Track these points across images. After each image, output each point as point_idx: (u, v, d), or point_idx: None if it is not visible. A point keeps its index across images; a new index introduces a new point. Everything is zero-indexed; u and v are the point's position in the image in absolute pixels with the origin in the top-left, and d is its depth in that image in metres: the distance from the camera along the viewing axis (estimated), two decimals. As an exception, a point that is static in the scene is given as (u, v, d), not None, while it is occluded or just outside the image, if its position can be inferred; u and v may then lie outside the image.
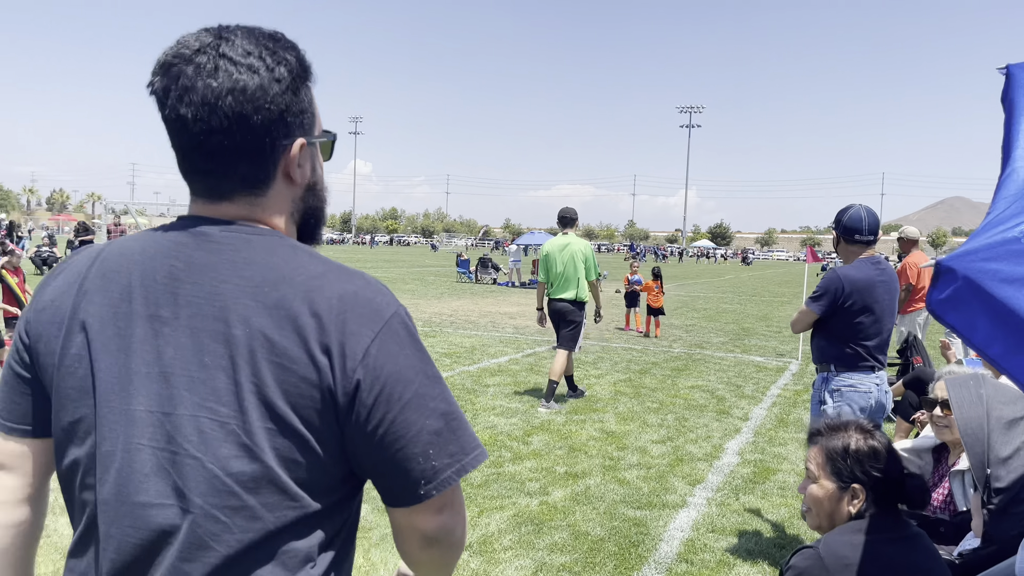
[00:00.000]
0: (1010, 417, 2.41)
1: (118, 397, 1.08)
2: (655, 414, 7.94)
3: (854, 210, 4.16)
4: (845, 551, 2.12)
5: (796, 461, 6.40)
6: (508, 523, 4.81)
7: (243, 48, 1.12)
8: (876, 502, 2.24)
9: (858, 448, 2.27)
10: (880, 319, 4.07)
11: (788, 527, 4.90)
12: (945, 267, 1.46)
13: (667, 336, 14.71)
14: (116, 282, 1.13)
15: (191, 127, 1.11)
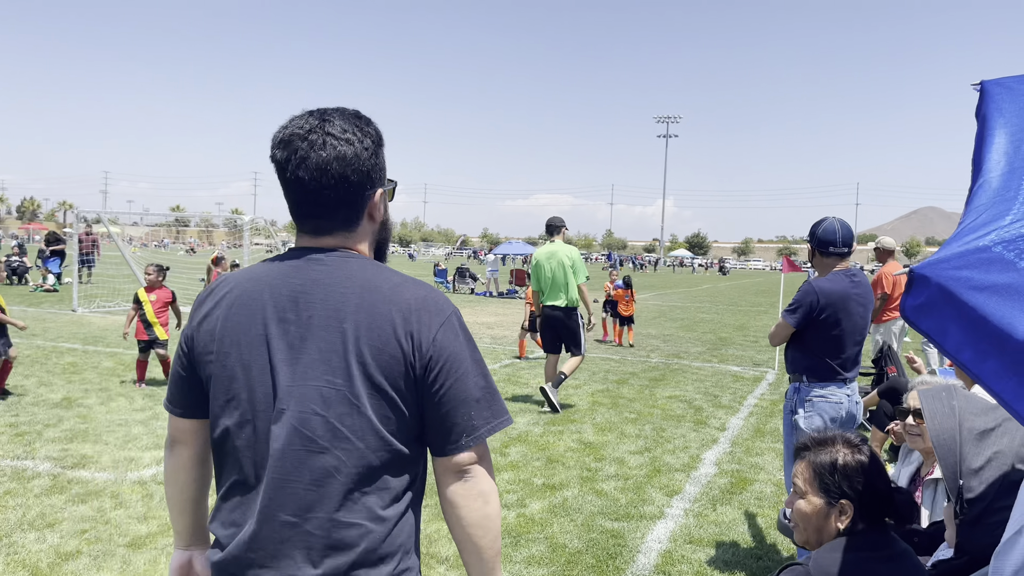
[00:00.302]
0: (981, 428, 2.42)
1: (263, 379, 1.54)
2: (633, 424, 7.95)
3: (828, 223, 4.18)
4: (834, 569, 2.11)
5: (773, 471, 6.42)
6: (485, 536, 4.78)
7: (340, 127, 1.58)
8: (864, 518, 2.23)
9: (846, 463, 2.25)
10: (853, 331, 4.10)
11: (765, 537, 4.91)
12: (919, 274, 1.47)
13: (645, 346, 14.75)
14: (253, 297, 1.58)
15: (307, 186, 1.57)
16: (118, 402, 8.13)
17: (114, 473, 5.76)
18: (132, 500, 5.20)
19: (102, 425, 7.14)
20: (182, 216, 33.59)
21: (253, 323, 1.57)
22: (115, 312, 17.43)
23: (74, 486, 5.44)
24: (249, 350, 1.56)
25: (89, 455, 6.18)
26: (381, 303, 1.54)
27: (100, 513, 4.94)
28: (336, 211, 1.60)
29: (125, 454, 6.25)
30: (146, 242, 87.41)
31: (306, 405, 1.51)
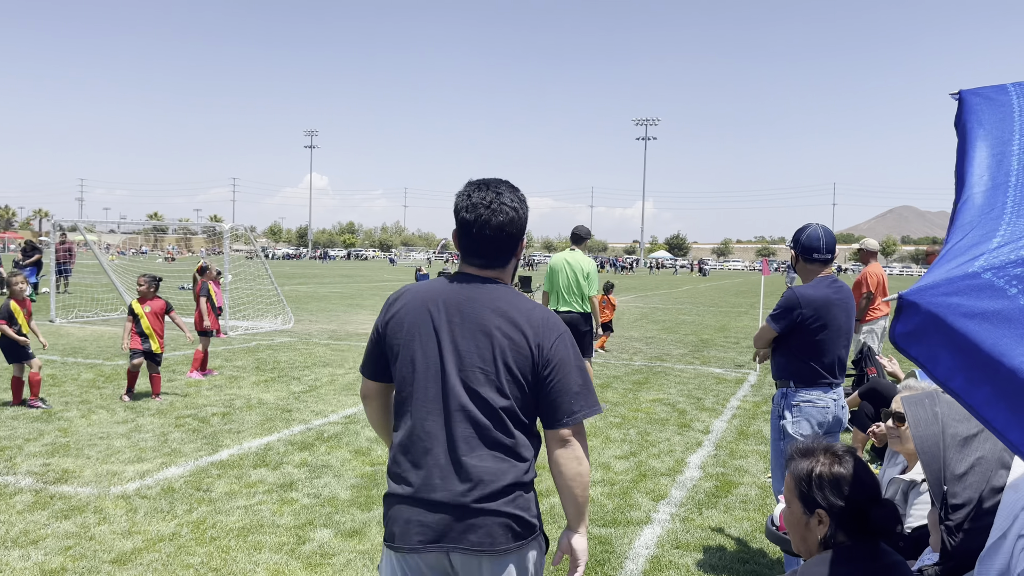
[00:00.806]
0: (964, 434, 2.46)
1: (434, 360, 2.27)
2: (617, 429, 7.98)
3: (811, 229, 4.23)
4: None
5: (757, 474, 6.47)
6: (473, 545, 4.78)
7: (509, 198, 2.33)
8: (841, 528, 2.24)
9: (821, 473, 2.25)
10: (836, 337, 4.15)
11: (751, 541, 4.95)
12: (907, 301, 1.49)
13: (627, 349, 14.80)
14: (429, 303, 2.32)
15: (488, 239, 2.31)
16: (99, 415, 8.05)
17: (97, 488, 5.71)
18: (116, 515, 5.15)
19: (83, 438, 7.06)
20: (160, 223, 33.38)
21: (428, 321, 2.31)
22: (93, 322, 17.25)
23: (57, 501, 5.38)
24: (425, 339, 2.30)
25: (71, 469, 6.12)
26: (518, 318, 2.28)
27: (84, 529, 4.90)
28: (499, 255, 2.37)
29: (107, 468, 6.19)
30: (124, 250, 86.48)
31: (467, 385, 2.25)
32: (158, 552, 4.56)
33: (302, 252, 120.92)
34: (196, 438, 7.19)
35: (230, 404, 8.71)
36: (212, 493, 5.65)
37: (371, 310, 22.84)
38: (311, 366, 11.67)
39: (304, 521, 5.12)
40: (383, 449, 6.94)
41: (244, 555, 4.54)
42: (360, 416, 8.24)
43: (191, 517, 5.15)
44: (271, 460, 6.52)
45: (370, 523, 5.11)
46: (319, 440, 7.21)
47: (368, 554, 4.60)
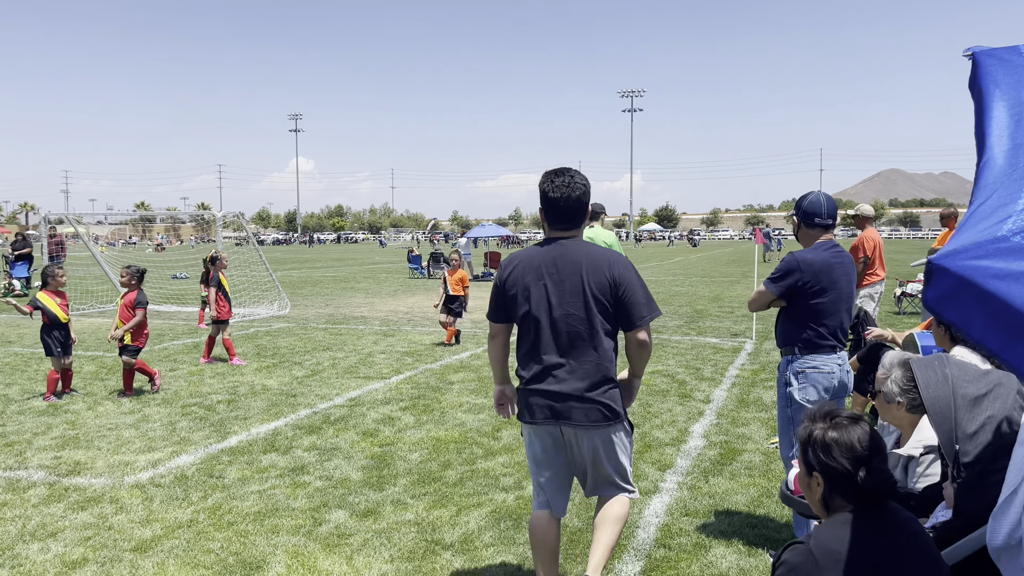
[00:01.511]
0: (974, 395, 2.53)
1: (543, 300, 3.45)
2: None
3: (813, 196, 4.30)
4: (835, 545, 2.19)
5: (760, 440, 6.57)
6: (487, 520, 4.86)
7: (578, 178, 3.51)
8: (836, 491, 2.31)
9: (816, 437, 2.33)
10: (838, 300, 4.21)
11: (758, 507, 5.05)
12: (937, 266, 1.53)
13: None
14: (534, 261, 3.50)
15: (570, 209, 3.48)
16: (105, 406, 8.08)
17: (110, 478, 5.76)
18: (132, 504, 5.21)
19: (92, 430, 7.11)
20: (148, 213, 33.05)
21: (535, 273, 3.49)
22: (89, 315, 17.22)
23: (72, 494, 5.44)
24: (534, 286, 3.48)
25: (83, 461, 6.17)
26: (597, 259, 3.46)
27: (101, 519, 4.95)
28: (575, 220, 3.55)
29: (119, 458, 6.24)
30: (113, 240, 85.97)
31: (564, 310, 3.43)
32: (177, 539, 4.62)
33: (292, 237, 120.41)
34: (204, 426, 7.24)
35: (234, 391, 8.75)
36: (225, 479, 5.71)
37: (366, 293, 22.85)
38: (311, 351, 11.71)
39: (319, 503, 5.19)
40: (390, 430, 7.01)
41: (263, 539, 4.61)
42: (366, 398, 8.31)
43: (207, 503, 5.22)
44: (280, 445, 6.58)
45: (384, 503, 5.18)
46: (326, 423, 7.27)
47: (385, 533, 4.67)
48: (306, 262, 45.37)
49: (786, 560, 2.29)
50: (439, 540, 4.56)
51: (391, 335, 13.44)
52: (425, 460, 6.12)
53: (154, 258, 47.73)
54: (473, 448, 6.42)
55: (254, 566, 4.24)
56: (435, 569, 4.18)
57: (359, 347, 12.02)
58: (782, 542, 4.47)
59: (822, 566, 2.17)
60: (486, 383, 9.06)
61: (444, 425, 7.17)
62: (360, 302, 19.85)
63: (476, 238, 37.42)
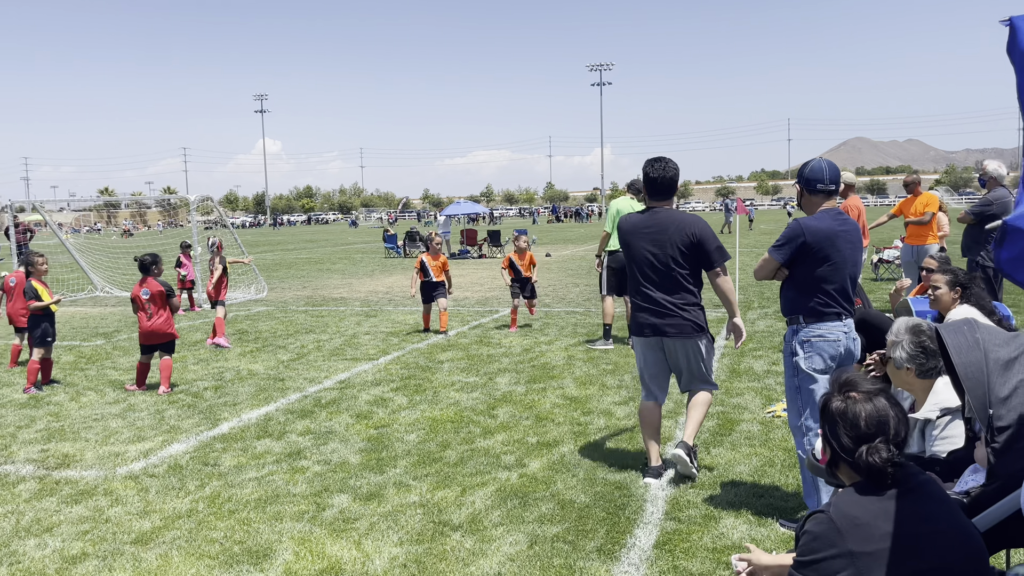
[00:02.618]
0: (1006, 358, 2.50)
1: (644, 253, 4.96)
2: (612, 376, 8.05)
3: (815, 162, 4.27)
4: (855, 511, 2.16)
5: (756, 410, 6.58)
6: (493, 499, 4.82)
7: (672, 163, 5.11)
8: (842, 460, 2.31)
9: (829, 408, 2.34)
10: (843, 267, 4.19)
11: (763, 477, 5.05)
12: (1012, 227, 1.48)
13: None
14: (639, 225, 5.02)
15: (666, 186, 5.04)
16: (88, 396, 7.91)
17: (102, 470, 5.63)
18: (128, 496, 5.09)
19: (77, 422, 6.94)
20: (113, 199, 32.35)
21: (640, 235, 4.96)
22: (61, 304, 16.85)
23: (63, 487, 5.30)
24: (637, 246, 4.96)
25: (71, 454, 6.02)
26: (682, 222, 4.91)
27: (97, 512, 4.84)
28: (669, 193, 5.06)
29: (109, 449, 6.10)
30: (77, 227, 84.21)
31: (660, 260, 4.89)
32: (178, 529, 4.52)
33: (261, 220, 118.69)
34: (193, 413, 7.11)
35: (220, 377, 8.61)
36: (221, 467, 5.60)
37: (342, 274, 22.63)
38: (294, 334, 11.56)
39: (320, 488, 5.11)
40: (384, 412, 6.93)
41: (266, 526, 4.53)
42: (355, 380, 8.21)
43: (204, 492, 5.11)
44: (274, 430, 6.48)
45: (386, 485, 5.12)
46: (318, 407, 7.17)
47: (391, 516, 4.61)
48: (278, 244, 44.86)
49: (809, 530, 2.26)
50: (447, 521, 4.51)
51: (373, 315, 13.31)
52: (423, 441, 6.05)
53: (122, 244, 46.88)
54: (470, 427, 6.37)
55: (261, 554, 4.16)
56: (446, 551, 4.13)
57: (342, 329, 11.88)
58: (790, 511, 4.48)
59: (844, 533, 2.14)
60: (475, 361, 9.00)
61: (438, 405, 7.10)
62: (338, 283, 19.66)
63: (454, 215, 37.20)
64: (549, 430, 6.22)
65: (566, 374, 8.19)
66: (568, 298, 14.92)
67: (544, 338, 10.45)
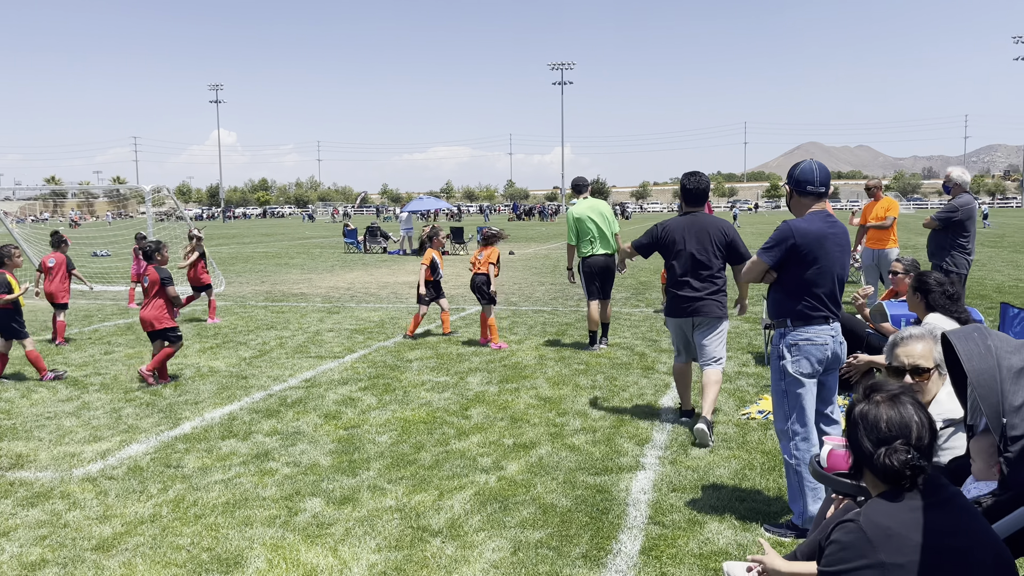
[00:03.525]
0: (1019, 366, 2.46)
1: (684, 247, 5.98)
2: (584, 376, 7.97)
3: (806, 164, 4.22)
4: (886, 521, 2.11)
5: (730, 412, 6.56)
6: (472, 503, 4.69)
7: (704, 176, 6.22)
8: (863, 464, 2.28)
9: (853, 412, 2.31)
10: (831, 271, 4.15)
11: (743, 480, 5.00)
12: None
13: (572, 295, 14.83)
14: (680, 225, 6.04)
15: (700, 194, 6.11)
16: (40, 393, 7.58)
17: (57, 471, 5.36)
18: (85, 499, 4.85)
19: (29, 419, 6.64)
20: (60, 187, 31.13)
21: (680, 231, 6.00)
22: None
23: (18, 489, 5.04)
24: (680, 238, 5.98)
25: (24, 453, 5.74)
26: (719, 225, 5.99)
27: (55, 516, 4.59)
28: (702, 201, 6.15)
29: (63, 449, 5.83)
30: (22, 217, 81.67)
31: (703, 254, 5.92)
32: (141, 535, 4.30)
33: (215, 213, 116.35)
34: (152, 412, 6.84)
35: (179, 374, 8.32)
36: (184, 469, 5.38)
37: (301, 269, 22.24)
38: (255, 330, 11.27)
39: (290, 491, 4.92)
40: (353, 412, 6.75)
41: (236, 532, 4.34)
42: (321, 379, 8.01)
43: (168, 496, 4.89)
44: (238, 430, 6.26)
45: (360, 489, 4.95)
46: (283, 406, 6.96)
47: (367, 521, 4.45)
48: (233, 237, 44.01)
49: (836, 539, 2.20)
50: (425, 526, 4.37)
51: (336, 312, 13.06)
52: (396, 442, 5.89)
53: (70, 235, 45.55)
54: (444, 428, 6.22)
55: (231, 562, 3.97)
56: (426, 557, 3.99)
57: (304, 325, 11.63)
58: (774, 516, 4.43)
59: (876, 543, 2.09)
60: (445, 360, 8.85)
61: (409, 405, 6.94)
62: (297, 278, 19.30)
63: (416, 211, 36.90)
64: (525, 431, 6.10)
65: (538, 374, 8.09)
66: (535, 297, 14.83)
67: (513, 337, 10.34)
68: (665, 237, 6.07)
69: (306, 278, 19.36)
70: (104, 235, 44.19)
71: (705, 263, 5.93)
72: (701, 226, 5.98)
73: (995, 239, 30.38)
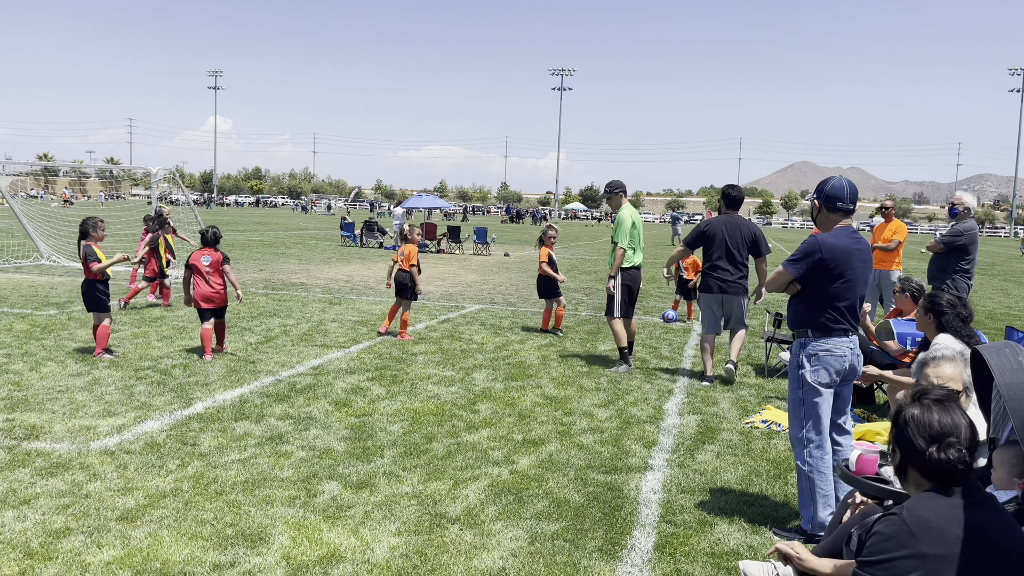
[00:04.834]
0: (1048, 381, 2.59)
1: (724, 241, 7.90)
2: (588, 378, 8.08)
3: (836, 180, 4.34)
4: (928, 515, 2.23)
5: (734, 420, 6.68)
6: (486, 494, 4.79)
7: (741, 189, 8.25)
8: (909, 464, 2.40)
9: (903, 414, 2.42)
10: (854, 286, 4.28)
11: (750, 486, 5.12)
12: None
13: (569, 300, 14.94)
14: (722, 222, 7.97)
15: (740, 201, 8.21)
16: (48, 367, 7.62)
17: (74, 443, 5.42)
18: (105, 472, 4.91)
19: (41, 392, 6.68)
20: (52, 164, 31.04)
21: (721, 228, 7.91)
22: (5, 270, 16.25)
23: (35, 459, 5.09)
24: (721, 234, 7.90)
25: (39, 425, 5.79)
26: (750, 226, 8.01)
27: (76, 487, 4.66)
28: (739, 206, 8.17)
29: (78, 423, 5.88)
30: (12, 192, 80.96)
31: (736, 248, 7.85)
32: (165, 508, 4.38)
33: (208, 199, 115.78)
34: (163, 391, 6.90)
35: (187, 356, 8.38)
36: (200, 447, 5.45)
37: (299, 259, 22.27)
38: (258, 316, 11.32)
39: (307, 474, 5.01)
40: (363, 401, 6.84)
41: (257, 509, 4.42)
42: (329, 367, 8.08)
43: (187, 472, 4.97)
44: (251, 413, 6.33)
45: (375, 475, 5.04)
46: (293, 392, 7.04)
47: (385, 505, 4.54)
48: (227, 225, 43.89)
49: (879, 531, 2.31)
50: (443, 514, 4.47)
51: (337, 303, 13.12)
52: (407, 432, 5.98)
53: (62, 213, 45.28)
54: (454, 421, 6.32)
55: (255, 538, 4.06)
56: (446, 543, 4.09)
57: (307, 314, 11.69)
58: (782, 520, 4.55)
59: (917, 535, 2.19)
60: (449, 356, 8.94)
61: (417, 397, 7.03)
62: (295, 268, 19.34)
63: (412, 208, 36.94)
64: (533, 428, 6.21)
65: (542, 373, 8.19)
66: (532, 299, 14.93)
67: (515, 336, 10.44)
68: (709, 231, 7.94)
69: (304, 268, 19.39)
70: (97, 215, 44.01)
71: (736, 253, 7.85)
72: (736, 225, 7.92)
73: (985, 267, 30.76)
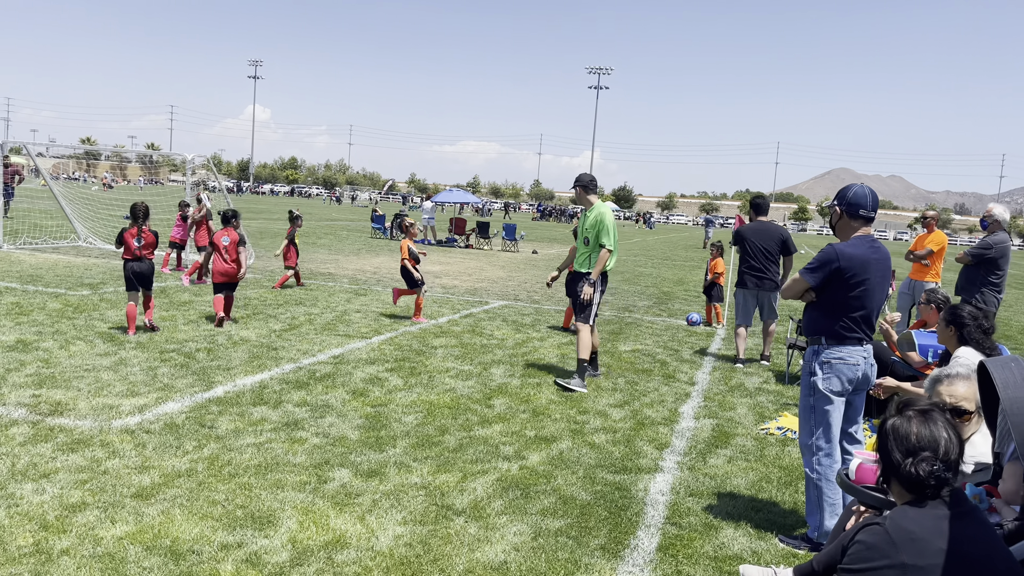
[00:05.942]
0: (1053, 397, 2.56)
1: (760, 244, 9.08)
2: (605, 378, 8.09)
3: (858, 188, 4.30)
4: (911, 526, 2.23)
5: (749, 426, 6.65)
6: (494, 488, 4.83)
7: (765, 196, 9.82)
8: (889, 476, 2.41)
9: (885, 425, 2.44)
10: (871, 295, 4.25)
11: (760, 492, 5.11)
12: None
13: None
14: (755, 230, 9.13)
15: (766, 207, 9.45)
16: (77, 346, 7.80)
17: (96, 421, 5.56)
18: (125, 450, 5.03)
19: (68, 370, 6.85)
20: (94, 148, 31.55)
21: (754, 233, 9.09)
22: (43, 250, 16.61)
23: (57, 434, 5.23)
24: (756, 238, 9.06)
25: (63, 402, 5.94)
26: (779, 230, 9.15)
27: (95, 463, 4.78)
28: (767, 212, 9.38)
29: (102, 401, 6.02)
30: (55, 174, 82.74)
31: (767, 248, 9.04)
32: (179, 488, 4.48)
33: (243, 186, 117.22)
34: (186, 373, 7.04)
35: (212, 340, 8.53)
36: (217, 430, 5.56)
37: (328, 249, 22.49)
38: (284, 304, 11.47)
39: (320, 460, 5.08)
40: (380, 391, 6.91)
41: (268, 493, 4.50)
42: (350, 357, 8.18)
43: (203, 453, 5.07)
44: (269, 398, 6.43)
45: (386, 464, 5.10)
46: (312, 380, 7.13)
47: (393, 495, 4.60)
48: (261, 213, 44.42)
49: (861, 540, 2.31)
50: (449, 505, 4.51)
51: (363, 294, 13.24)
52: (421, 424, 6.04)
53: (102, 196, 46.15)
54: (468, 415, 6.37)
55: (264, 520, 4.14)
56: (450, 535, 4.13)
57: (332, 304, 11.82)
58: (789, 528, 4.54)
59: (899, 545, 2.20)
60: (469, 350, 9.00)
61: (434, 390, 7.09)
62: (324, 258, 19.53)
63: (443, 203, 37.08)
64: (546, 425, 6.23)
65: (560, 371, 8.21)
66: (557, 296, 14.94)
67: (536, 334, 10.47)
68: (746, 236, 9.10)
69: (333, 259, 19.58)
70: (136, 198, 44.82)
71: (767, 253, 9.00)
72: (766, 230, 9.09)
73: (1020, 281, 30.13)
